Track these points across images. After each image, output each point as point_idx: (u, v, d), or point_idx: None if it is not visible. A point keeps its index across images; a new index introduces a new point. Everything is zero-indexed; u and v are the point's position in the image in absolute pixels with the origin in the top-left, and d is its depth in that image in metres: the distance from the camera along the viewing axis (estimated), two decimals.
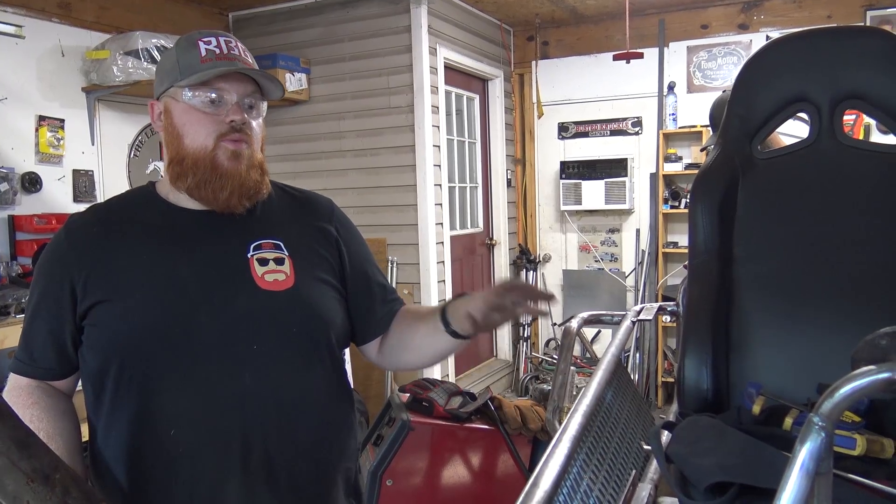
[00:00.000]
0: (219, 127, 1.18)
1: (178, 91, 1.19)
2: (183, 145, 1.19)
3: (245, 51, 1.23)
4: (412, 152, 4.31)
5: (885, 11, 4.45)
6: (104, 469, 1.19)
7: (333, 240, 1.32)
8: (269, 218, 1.27)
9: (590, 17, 5.19)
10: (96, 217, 1.27)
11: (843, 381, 0.68)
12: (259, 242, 1.23)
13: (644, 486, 1.23)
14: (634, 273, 5.25)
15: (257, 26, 4.61)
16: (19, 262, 3.18)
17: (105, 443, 1.19)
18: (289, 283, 1.21)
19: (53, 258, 1.23)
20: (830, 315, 1.34)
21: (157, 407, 1.15)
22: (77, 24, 3.61)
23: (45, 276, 1.23)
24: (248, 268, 1.20)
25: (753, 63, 1.53)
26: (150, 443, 1.15)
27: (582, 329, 2.00)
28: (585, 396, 1.21)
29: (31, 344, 1.22)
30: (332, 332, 1.26)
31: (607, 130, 5.32)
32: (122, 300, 1.16)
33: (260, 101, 1.23)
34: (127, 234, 1.22)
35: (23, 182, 3.31)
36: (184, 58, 1.20)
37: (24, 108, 3.36)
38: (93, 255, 1.19)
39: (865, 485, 0.99)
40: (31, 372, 1.21)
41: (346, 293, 1.32)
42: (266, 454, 1.16)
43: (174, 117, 1.20)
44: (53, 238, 1.25)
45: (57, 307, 1.19)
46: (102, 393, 1.18)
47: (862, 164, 1.41)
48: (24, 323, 1.24)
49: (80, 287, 1.17)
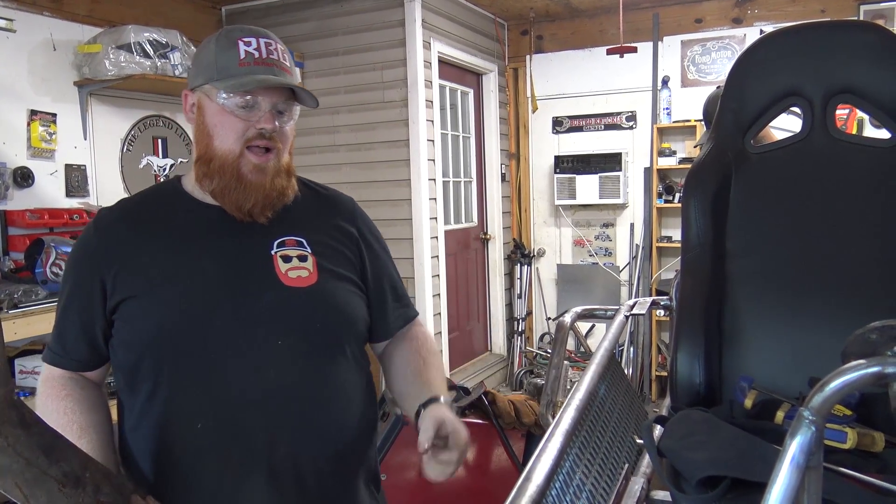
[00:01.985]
0: (248, 132, 1.19)
1: (213, 90, 1.20)
2: (212, 145, 1.21)
3: (284, 53, 1.24)
4: (406, 147, 4.31)
5: (878, 6, 4.46)
6: (133, 460, 1.22)
7: (355, 239, 1.34)
8: (293, 215, 1.29)
9: (584, 11, 5.18)
10: (124, 212, 1.29)
11: (833, 376, 0.68)
12: (283, 239, 1.24)
13: (637, 479, 1.23)
14: (628, 267, 5.26)
15: (250, 20, 4.58)
16: (11, 258, 3.16)
17: (134, 434, 1.21)
18: (311, 279, 1.23)
19: (83, 253, 1.25)
20: (822, 309, 1.34)
21: (184, 401, 1.17)
22: (69, 18, 3.58)
23: (76, 270, 1.25)
24: (271, 264, 1.22)
25: (746, 57, 1.52)
26: (177, 436, 1.18)
27: (576, 323, 2.00)
28: (579, 391, 1.21)
29: (63, 336, 1.24)
30: (354, 329, 1.29)
31: (601, 125, 5.32)
32: (149, 296, 1.18)
33: (292, 106, 1.24)
34: (154, 229, 1.24)
35: (15, 177, 3.29)
36: (222, 56, 1.20)
37: (15, 102, 3.34)
38: (121, 251, 1.22)
39: (856, 478, 0.99)
40: (64, 363, 1.24)
41: (366, 291, 1.33)
42: (290, 449, 1.18)
43: (206, 115, 1.22)
44: (83, 232, 1.28)
45: (88, 301, 1.21)
46: (132, 386, 1.21)
47: (854, 159, 1.41)
48: (56, 314, 1.27)
49: (110, 283, 1.20)
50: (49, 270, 2.85)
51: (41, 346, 3.05)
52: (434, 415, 1.18)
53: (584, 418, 1.18)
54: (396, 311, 1.39)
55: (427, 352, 1.37)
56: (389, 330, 1.38)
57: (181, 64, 3.65)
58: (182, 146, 4.26)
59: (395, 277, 1.41)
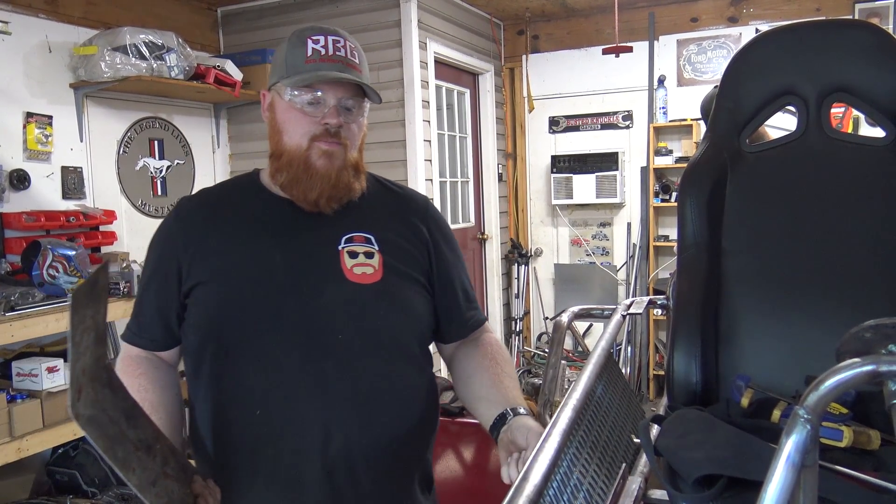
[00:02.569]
0: (314, 128, 1.22)
1: (283, 88, 1.23)
2: (282, 142, 1.25)
3: (354, 50, 1.25)
4: (403, 147, 4.31)
5: (873, 4, 4.47)
6: (199, 441, 1.26)
7: (424, 238, 1.34)
8: (363, 211, 1.31)
9: (580, 10, 5.18)
10: (203, 201, 1.35)
11: (828, 374, 0.69)
12: (351, 235, 1.27)
13: (634, 479, 1.23)
14: (626, 267, 5.26)
15: (246, 21, 4.59)
16: (8, 260, 3.15)
17: (200, 416, 1.26)
18: (376, 276, 1.24)
19: (164, 238, 1.31)
20: (818, 307, 1.34)
21: (246, 387, 1.20)
22: (64, 20, 3.58)
23: (156, 254, 1.31)
24: (338, 259, 1.24)
25: (742, 56, 1.53)
26: (237, 421, 1.21)
27: (573, 323, 2.00)
28: (576, 390, 1.21)
29: (140, 315, 1.31)
30: (416, 328, 1.30)
31: (598, 124, 5.33)
32: (219, 283, 1.23)
33: (361, 102, 1.26)
34: (230, 219, 1.29)
35: (10, 179, 3.28)
36: (291, 55, 1.23)
37: (11, 104, 3.33)
38: (198, 238, 1.26)
39: (852, 476, 0.99)
40: (139, 342, 1.29)
41: (433, 292, 1.34)
42: (345, 443, 1.19)
43: (277, 113, 1.26)
44: (165, 218, 1.34)
45: (165, 284, 1.27)
46: (198, 369, 1.25)
47: (849, 157, 1.42)
48: (136, 296, 1.35)
49: (185, 267, 1.25)
50: (46, 273, 2.84)
51: (38, 349, 3.04)
52: (523, 424, 1.19)
53: (582, 418, 1.18)
54: (468, 312, 1.40)
55: (503, 360, 1.37)
56: (461, 331, 1.39)
57: (177, 66, 3.64)
58: (179, 148, 4.26)
59: (465, 280, 1.41)
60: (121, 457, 0.95)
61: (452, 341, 1.40)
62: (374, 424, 1.21)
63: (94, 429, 0.92)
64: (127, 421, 0.99)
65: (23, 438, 2.64)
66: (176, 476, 1.06)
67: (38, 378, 2.74)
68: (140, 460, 0.99)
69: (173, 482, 1.05)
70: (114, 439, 0.95)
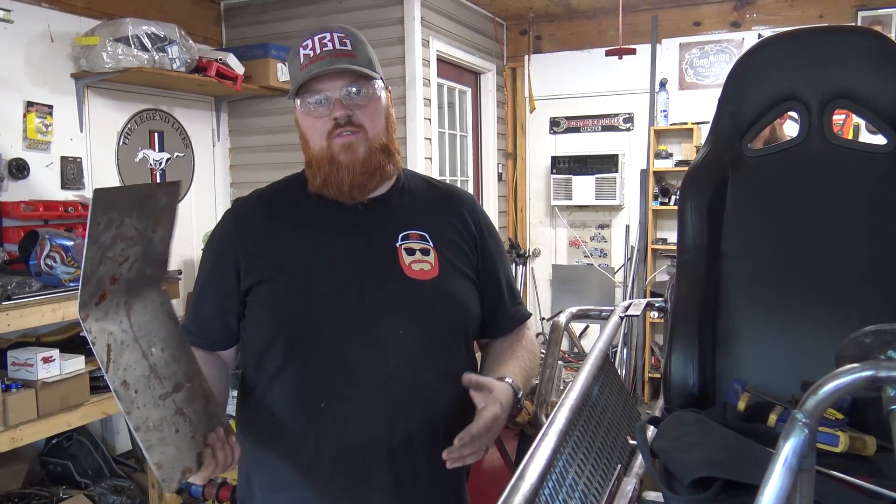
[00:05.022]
0: (327, 126, 1.26)
1: (294, 102, 1.28)
2: (309, 150, 1.30)
3: (343, 38, 1.27)
4: (403, 144, 4.30)
5: (876, 12, 4.48)
6: (259, 430, 1.29)
7: (473, 234, 1.38)
8: (416, 209, 1.35)
9: (583, 12, 5.19)
10: (259, 201, 1.38)
11: (826, 379, 0.69)
12: (407, 233, 1.30)
13: (629, 480, 1.23)
14: (623, 269, 5.26)
15: (249, 15, 4.58)
16: (6, 249, 3.15)
17: (260, 408, 1.29)
18: (433, 273, 1.28)
19: (222, 238, 1.34)
20: (816, 313, 1.35)
21: (311, 381, 1.24)
22: (67, 10, 3.57)
23: (214, 254, 1.35)
24: (396, 256, 1.27)
25: (744, 61, 1.53)
26: (302, 413, 1.25)
27: (570, 324, 2.00)
28: (572, 391, 1.21)
29: (198, 316, 1.34)
30: (470, 323, 1.34)
31: (599, 126, 5.33)
32: (282, 280, 1.26)
33: (366, 83, 1.27)
34: (287, 218, 1.32)
35: (10, 168, 3.28)
36: (292, 69, 1.30)
37: (11, 93, 3.32)
38: (256, 238, 1.30)
39: (848, 481, 1.00)
40: (198, 342, 1.30)
41: (479, 287, 1.37)
42: (407, 435, 1.23)
43: (300, 125, 1.32)
44: (221, 219, 1.37)
45: (224, 284, 1.30)
46: (260, 363, 1.29)
47: (850, 164, 1.42)
48: (193, 296, 1.37)
49: (244, 267, 1.28)
50: (43, 262, 2.83)
51: (34, 339, 3.04)
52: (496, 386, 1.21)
53: (578, 418, 1.18)
54: (513, 308, 1.43)
55: (523, 349, 1.39)
56: (508, 325, 1.42)
57: (179, 58, 3.64)
58: (178, 140, 4.25)
59: (510, 276, 1.45)
60: (120, 376, 0.95)
61: (497, 336, 1.42)
62: (433, 416, 1.25)
63: (102, 339, 0.92)
64: (154, 347, 1.00)
65: (17, 428, 2.63)
66: (192, 415, 1.06)
67: (33, 368, 2.74)
68: (149, 387, 0.99)
69: (186, 422, 1.05)
70: (119, 360, 0.95)
